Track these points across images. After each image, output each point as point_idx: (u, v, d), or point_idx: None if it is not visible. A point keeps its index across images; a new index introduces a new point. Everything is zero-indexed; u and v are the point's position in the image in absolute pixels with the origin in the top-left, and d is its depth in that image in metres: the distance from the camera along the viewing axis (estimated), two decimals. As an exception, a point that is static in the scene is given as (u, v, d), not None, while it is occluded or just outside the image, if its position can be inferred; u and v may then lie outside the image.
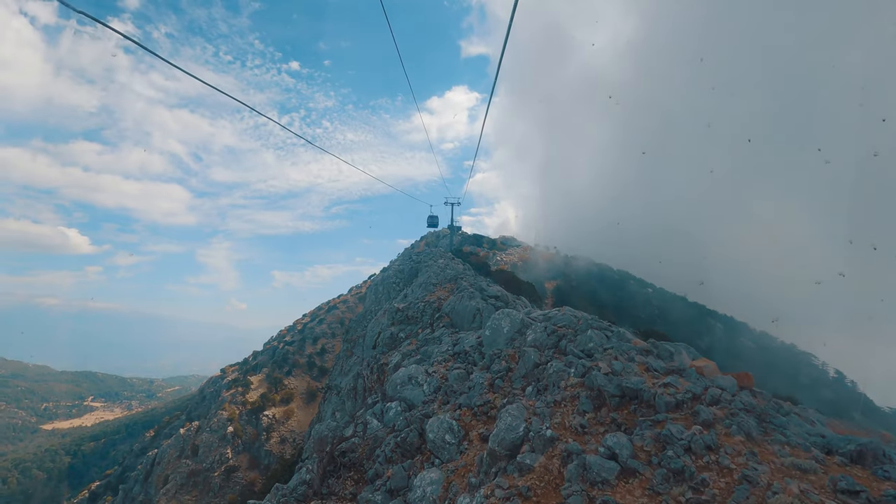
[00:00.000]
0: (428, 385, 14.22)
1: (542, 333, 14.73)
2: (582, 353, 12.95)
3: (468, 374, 14.85)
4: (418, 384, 14.26)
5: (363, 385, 18.46)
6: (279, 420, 59.04)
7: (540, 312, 17.84)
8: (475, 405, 12.99)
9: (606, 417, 10.09)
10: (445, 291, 25.19)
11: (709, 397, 9.78)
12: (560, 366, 12.47)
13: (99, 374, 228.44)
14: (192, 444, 56.23)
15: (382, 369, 17.77)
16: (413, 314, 23.35)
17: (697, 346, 46.68)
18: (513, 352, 14.91)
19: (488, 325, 16.51)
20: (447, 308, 22.40)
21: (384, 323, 23.75)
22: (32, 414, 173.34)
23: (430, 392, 14.13)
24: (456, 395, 13.92)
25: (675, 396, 9.78)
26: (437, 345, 18.08)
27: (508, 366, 14.37)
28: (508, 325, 16.06)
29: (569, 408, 10.87)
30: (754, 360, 49.37)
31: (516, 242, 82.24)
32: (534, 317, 17.00)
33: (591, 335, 13.51)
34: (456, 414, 12.75)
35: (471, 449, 11.54)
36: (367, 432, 13.05)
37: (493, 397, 13.27)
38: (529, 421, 10.59)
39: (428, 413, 13.29)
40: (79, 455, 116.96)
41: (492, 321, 16.61)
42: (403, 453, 12.31)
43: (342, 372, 25.95)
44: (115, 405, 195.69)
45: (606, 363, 11.63)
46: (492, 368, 14.50)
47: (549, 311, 17.61)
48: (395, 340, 21.95)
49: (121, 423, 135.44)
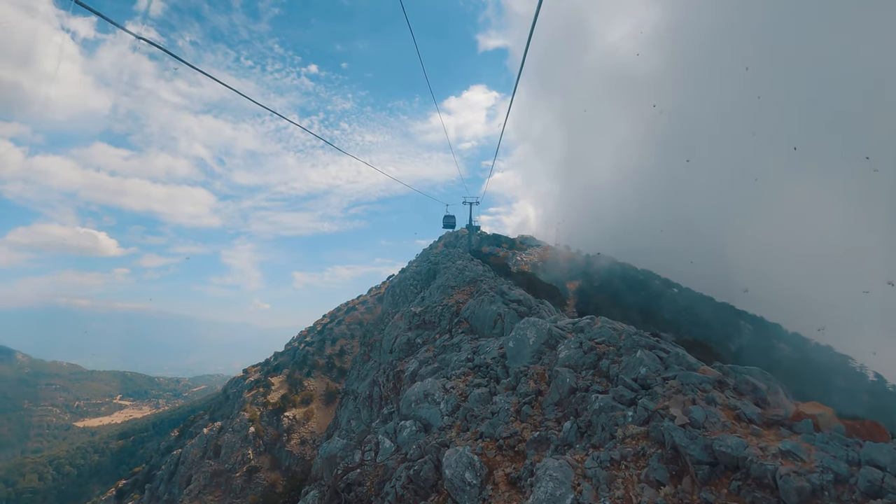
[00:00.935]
0: (445, 403, 12.80)
1: (577, 350, 12.90)
2: (635, 382, 10.71)
3: (491, 394, 13.22)
4: (434, 402, 12.90)
5: (379, 393, 17.86)
6: (299, 421, 59.27)
7: (569, 321, 16.31)
8: (500, 436, 11.24)
9: (693, 496, 7.32)
10: (464, 295, 24.21)
11: (863, 482, 6.37)
12: (608, 401, 10.21)
13: (128, 374, 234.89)
14: (214, 444, 56.79)
15: (398, 377, 17.10)
16: (430, 318, 22.43)
17: (727, 350, 44.80)
18: (541, 370, 13.14)
19: (512, 336, 14.94)
20: (466, 312, 21.43)
21: (401, 327, 22.87)
22: (66, 411, 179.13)
23: (447, 410, 12.73)
24: (477, 421, 12.23)
25: (808, 479, 6.56)
26: (456, 352, 17.10)
27: (538, 388, 12.51)
28: (534, 336, 14.41)
29: (633, 472, 8.30)
30: (789, 364, 47.20)
31: (536, 242, 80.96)
32: (562, 326, 15.51)
33: (641, 357, 11.30)
34: (478, 446, 11.04)
35: (496, 496, 9.58)
36: (378, 454, 12.07)
37: (521, 428, 11.40)
38: (579, 489, 8.22)
39: (445, 442, 11.82)
40: (108, 453, 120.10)
41: (515, 331, 15.06)
42: (416, 491, 10.84)
43: (359, 377, 25.42)
44: (143, 403, 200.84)
45: (679, 407, 9.02)
46: (518, 390, 12.73)
47: (579, 319, 15.88)
48: (411, 346, 21.09)
49: (148, 422, 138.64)
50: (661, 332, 46.72)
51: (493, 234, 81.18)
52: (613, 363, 11.94)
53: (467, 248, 58.39)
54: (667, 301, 55.12)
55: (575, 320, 15.84)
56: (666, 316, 48.98)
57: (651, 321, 44.61)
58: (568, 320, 16.41)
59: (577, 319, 15.70)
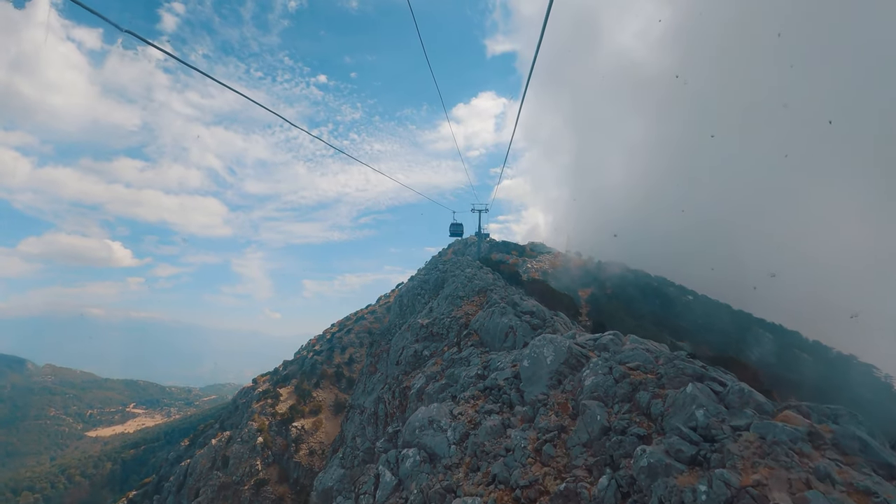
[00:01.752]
0: (453, 431, 11.11)
1: (606, 376, 10.82)
2: (693, 431, 8.31)
3: (504, 426, 11.16)
4: (441, 429, 11.32)
5: (384, 410, 17.03)
6: (308, 431, 58.64)
7: (588, 336, 14.27)
8: (517, 483, 9.29)
9: None
10: (473, 305, 23.18)
11: None
12: (660, 456, 7.87)
13: (140, 383, 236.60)
14: (222, 454, 56.31)
15: (404, 394, 16.26)
16: (438, 330, 21.31)
17: (748, 359, 43.25)
18: (563, 398, 11.11)
19: (526, 354, 13.05)
20: (476, 324, 20.13)
21: (408, 339, 21.99)
22: (79, 420, 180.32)
23: (455, 438, 10.98)
24: (489, 458, 10.28)
25: None
26: (465, 367, 15.98)
27: (560, 422, 10.46)
28: (552, 355, 12.53)
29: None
30: (811, 373, 45.49)
31: (546, 249, 79.95)
32: (583, 343, 13.50)
33: (693, 394, 8.90)
34: (490, 498, 9.18)
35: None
36: (378, 489, 10.93)
37: (543, 473, 9.40)
38: None
39: (451, 486, 10.12)
40: (119, 462, 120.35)
41: (531, 349, 13.18)
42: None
43: (365, 390, 24.60)
44: (155, 412, 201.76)
45: (783, 489, 6.40)
46: (537, 423, 10.71)
47: (600, 336, 13.81)
48: (418, 359, 20.08)
49: (160, 431, 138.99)
50: (677, 341, 45.41)
51: (503, 242, 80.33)
52: (655, 397, 9.77)
53: (476, 255, 56.91)
54: (682, 309, 53.61)
55: (596, 336, 13.90)
56: (682, 324, 47.57)
57: (667, 330, 43.33)
58: (588, 336, 14.43)
59: (599, 335, 13.86)
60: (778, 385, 35.97)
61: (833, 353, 55.45)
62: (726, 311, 55.27)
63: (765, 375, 45.21)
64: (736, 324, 51.86)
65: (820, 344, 57.04)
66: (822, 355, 53.96)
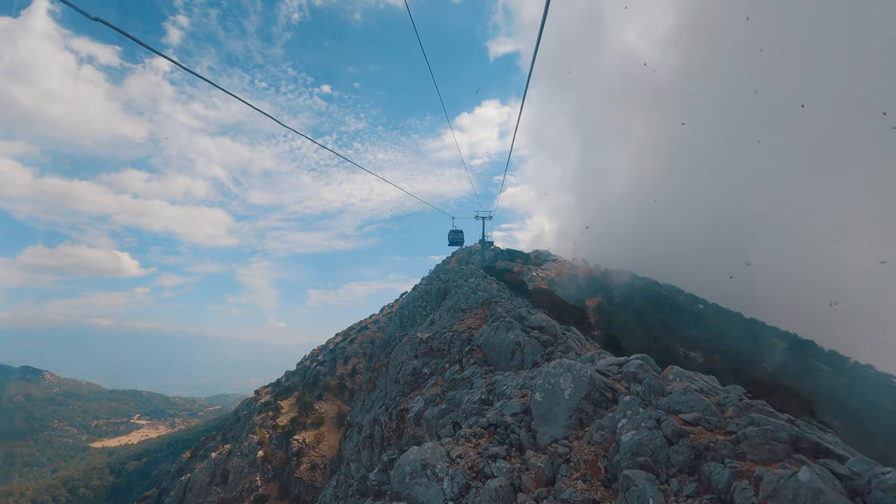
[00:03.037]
0: (450, 481, 8.65)
1: (652, 431, 7.81)
2: None
3: (513, 488, 8.40)
4: (436, 477, 8.85)
5: (381, 433, 15.83)
6: (309, 444, 57.47)
7: (611, 361, 11.50)
8: None
9: None
10: (477, 319, 21.72)
11: None
12: None
13: (145, 393, 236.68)
14: (222, 469, 55.17)
15: (402, 416, 15.04)
16: (439, 346, 19.73)
17: (763, 370, 41.62)
18: (591, 454, 8.35)
19: (539, 384, 10.40)
20: (479, 340, 18.60)
21: (407, 355, 20.67)
22: (84, 431, 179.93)
23: (452, 493, 8.47)
24: None
25: None
26: (468, 389, 14.56)
27: (592, 494, 7.49)
28: (571, 387, 9.95)
29: None
30: (829, 384, 43.79)
31: (552, 257, 78.68)
32: (605, 369, 10.91)
33: (813, 486, 5.58)
34: None
35: None
36: None
37: None
38: None
39: None
40: (123, 474, 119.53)
41: (544, 377, 10.49)
42: None
43: (363, 408, 23.36)
44: (159, 423, 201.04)
45: None
46: (559, 492, 7.81)
47: (627, 361, 11.03)
48: (417, 377, 18.65)
49: (163, 442, 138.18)
50: (689, 350, 43.96)
51: (507, 250, 79.20)
52: (739, 477, 6.48)
53: (480, 264, 54.89)
54: (693, 318, 52.05)
55: (620, 361, 11.32)
56: (694, 334, 46.06)
57: (677, 340, 41.91)
58: (610, 359, 11.77)
59: (624, 360, 11.24)
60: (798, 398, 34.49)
61: (850, 363, 53.62)
62: (739, 320, 53.71)
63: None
64: (749, 333, 50.24)
65: (836, 353, 55.19)
66: (839, 365, 52.16)
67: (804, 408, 15.86)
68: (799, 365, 45.17)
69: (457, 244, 48.29)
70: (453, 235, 46.81)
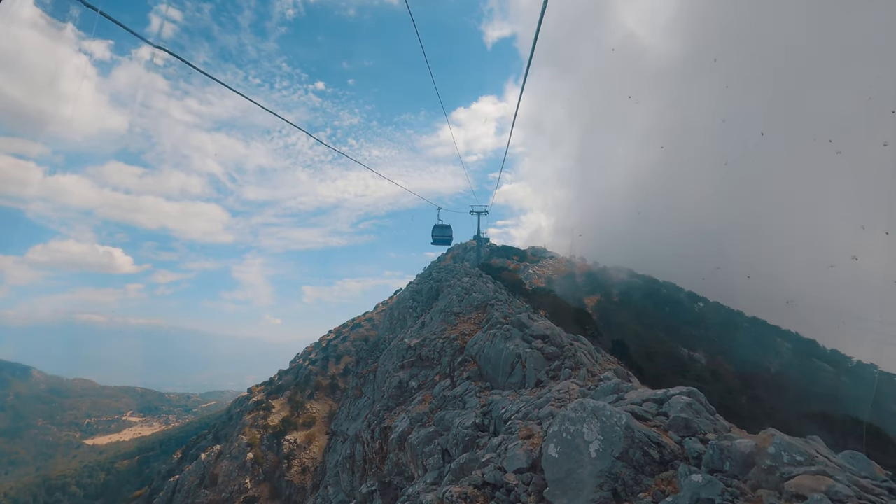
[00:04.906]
0: None
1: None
2: None
3: None
4: None
5: (362, 453, 14.25)
6: (300, 445, 56.19)
7: (647, 395, 8.42)
8: None
9: None
10: (471, 324, 19.63)
11: None
12: None
13: (139, 390, 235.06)
14: (211, 471, 53.75)
15: (385, 435, 13.47)
16: (429, 354, 17.55)
17: (767, 371, 40.45)
18: None
19: (552, 433, 7.39)
20: (474, 349, 16.41)
21: (393, 364, 18.82)
22: (76, 429, 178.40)
23: None
24: None
25: None
26: (460, 409, 12.71)
27: None
28: (599, 442, 6.91)
29: None
30: (834, 384, 42.68)
31: (549, 254, 77.28)
32: (640, 409, 7.80)
33: None
34: None
35: None
36: None
37: None
38: None
39: None
40: (114, 472, 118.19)
41: (560, 423, 7.42)
42: None
43: (349, 416, 21.86)
44: (153, 419, 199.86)
45: None
46: None
47: (669, 396, 8.09)
48: (403, 391, 16.58)
49: (156, 440, 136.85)
50: (691, 351, 42.82)
51: (503, 246, 77.76)
52: None
53: (476, 261, 52.22)
54: (694, 317, 50.79)
55: (659, 396, 8.20)
56: (695, 334, 44.83)
57: (680, 340, 40.66)
58: (643, 392, 8.72)
59: (664, 395, 8.17)
60: (804, 399, 33.32)
61: (853, 363, 52.60)
62: (741, 319, 52.49)
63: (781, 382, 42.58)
64: (751, 333, 49.04)
65: (838, 353, 54.15)
66: (842, 365, 51.10)
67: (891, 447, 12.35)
68: (803, 366, 44.06)
69: (443, 243, 38.02)
70: (438, 232, 37.21)
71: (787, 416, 23.28)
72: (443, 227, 36.94)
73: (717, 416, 7.81)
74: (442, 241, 37.32)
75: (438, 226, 36.86)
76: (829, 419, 17.44)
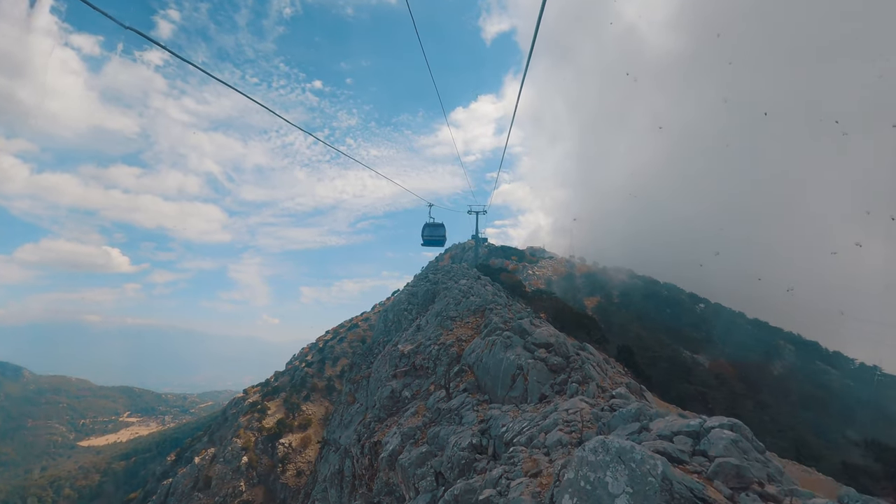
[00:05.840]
0: None
1: None
2: None
3: None
4: None
5: (351, 469, 13.39)
6: (296, 449, 55.44)
7: (675, 425, 7.06)
8: None
9: None
10: (468, 329, 18.40)
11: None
12: None
13: (136, 390, 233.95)
14: (205, 475, 52.93)
15: (375, 451, 12.61)
16: (423, 363, 16.46)
17: (770, 374, 39.70)
18: None
19: (568, 480, 5.88)
20: (471, 358, 15.19)
21: (385, 371, 17.60)
22: (72, 430, 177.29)
23: None
24: None
25: None
26: (455, 426, 11.65)
27: None
28: (626, 498, 5.23)
29: None
30: (837, 387, 42.01)
31: (548, 254, 76.64)
32: (673, 448, 6.26)
33: None
34: None
35: None
36: None
37: None
38: None
39: None
40: (110, 473, 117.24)
41: (577, 470, 5.86)
42: None
43: (341, 423, 20.98)
44: (150, 420, 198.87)
45: None
46: None
47: (708, 429, 6.59)
48: (396, 401, 15.53)
49: (152, 441, 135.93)
50: (693, 354, 42.05)
51: (502, 246, 77.06)
52: None
53: (474, 262, 50.76)
54: (695, 318, 50.06)
55: (692, 428, 6.67)
56: (696, 336, 44.12)
57: (682, 342, 39.94)
58: (672, 422, 7.21)
59: (700, 427, 6.66)
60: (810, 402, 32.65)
61: (856, 365, 51.99)
62: (742, 320, 51.80)
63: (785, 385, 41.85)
64: (753, 334, 48.33)
65: (841, 355, 53.51)
66: (845, 367, 50.49)
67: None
68: (806, 368, 43.37)
69: (435, 244, 32.67)
70: (429, 231, 31.93)
71: (804, 435, 22.55)
72: (434, 225, 32.01)
73: (769, 457, 6.42)
74: (434, 243, 32.32)
75: (430, 224, 31.99)
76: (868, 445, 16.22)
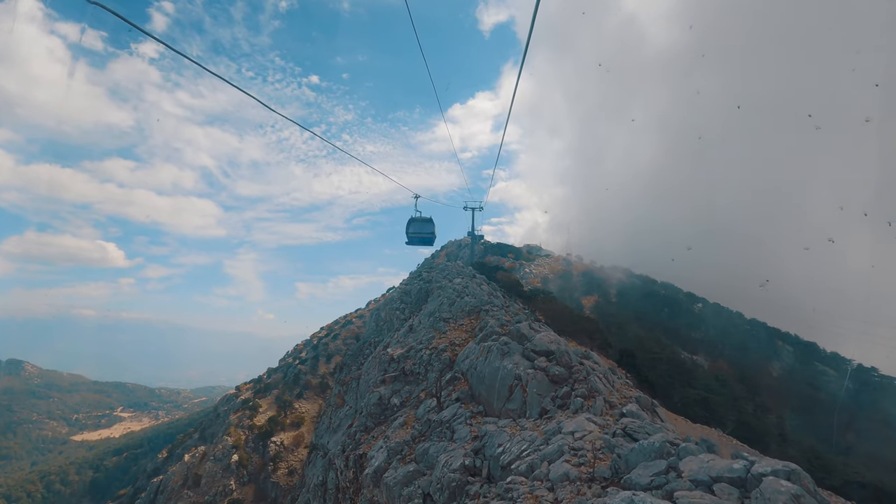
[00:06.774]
0: None
1: None
2: None
3: None
4: None
5: (335, 482, 12.55)
6: (287, 447, 54.71)
7: (721, 470, 5.72)
8: None
9: None
10: (462, 332, 17.12)
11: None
12: None
13: (129, 385, 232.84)
14: (195, 473, 52.17)
15: (360, 464, 11.76)
16: (413, 368, 15.23)
17: (769, 375, 39.20)
18: None
19: None
20: (465, 364, 14.01)
21: (374, 377, 16.29)
22: (64, 424, 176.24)
23: None
24: None
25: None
26: (446, 442, 10.49)
27: None
28: None
29: None
30: (836, 388, 41.61)
31: (544, 252, 75.98)
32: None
33: None
34: None
35: None
36: None
37: None
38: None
39: None
40: (102, 469, 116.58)
41: None
42: None
43: (330, 427, 20.20)
44: (143, 415, 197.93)
45: None
46: None
47: (770, 483, 5.11)
48: (384, 409, 14.26)
49: (145, 436, 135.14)
50: (692, 354, 41.54)
51: (498, 244, 76.30)
52: None
53: (469, 259, 49.31)
54: (693, 318, 49.49)
55: (737, 473, 5.45)
56: (694, 336, 43.56)
57: (680, 342, 39.36)
58: (712, 462, 5.99)
59: (744, 470, 5.47)
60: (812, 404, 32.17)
61: (853, 366, 51.68)
62: (740, 320, 51.26)
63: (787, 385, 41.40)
64: (752, 334, 47.82)
65: (838, 355, 53.17)
66: (842, 367, 50.16)
67: None
68: (804, 369, 42.94)
69: (422, 242, 27.60)
70: (416, 227, 26.91)
71: (812, 444, 21.90)
72: (422, 220, 26.97)
73: (825, 503, 5.36)
74: (420, 241, 27.51)
75: (416, 220, 26.95)
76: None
